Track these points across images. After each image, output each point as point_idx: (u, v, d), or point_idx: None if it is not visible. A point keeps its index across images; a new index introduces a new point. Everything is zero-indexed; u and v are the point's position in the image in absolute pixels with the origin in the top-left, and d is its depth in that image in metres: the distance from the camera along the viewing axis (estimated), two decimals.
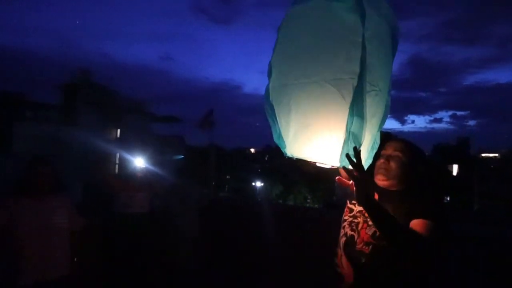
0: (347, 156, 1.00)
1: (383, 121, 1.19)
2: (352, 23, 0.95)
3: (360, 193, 1.03)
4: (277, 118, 1.14)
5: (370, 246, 1.19)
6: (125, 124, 21.08)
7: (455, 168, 44.54)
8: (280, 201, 27.51)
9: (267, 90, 1.19)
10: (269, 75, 1.16)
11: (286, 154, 1.18)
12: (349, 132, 0.98)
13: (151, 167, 3.40)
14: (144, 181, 3.19)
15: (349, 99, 0.96)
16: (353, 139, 0.99)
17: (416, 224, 1.11)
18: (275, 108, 1.14)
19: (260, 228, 3.69)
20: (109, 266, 2.95)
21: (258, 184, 33.64)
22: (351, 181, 1.07)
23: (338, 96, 0.97)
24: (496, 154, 60.09)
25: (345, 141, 1.00)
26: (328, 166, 1.12)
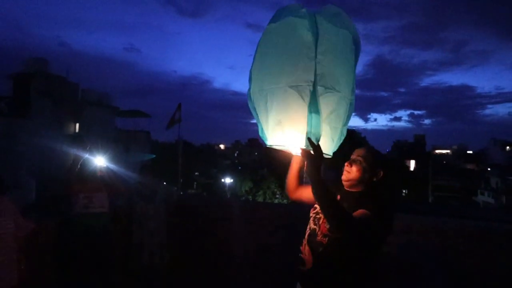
0: (308, 138, 1.23)
1: (346, 116, 1.42)
2: (308, 41, 1.24)
3: (310, 167, 1.22)
4: (259, 117, 1.40)
5: (327, 238, 1.39)
6: (85, 118, 19.80)
7: (412, 164, 47.86)
8: (250, 197, 27.63)
9: (248, 94, 1.43)
10: (250, 81, 1.42)
11: (267, 144, 1.41)
12: (310, 125, 1.23)
13: (113, 165, 3.20)
14: (105, 180, 3.00)
15: (307, 100, 1.23)
16: (313, 131, 1.23)
17: (355, 212, 1.30)
18: (256, 109, 1.41)
19: (229, 227, 3.64)
20: (63, 271, 2.74)
21: (228, 180, 33.50)
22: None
23: (299, 98, 1.24)
24: (448, 151, 65.46)
25: (307, 132, 1.24)
26: (298, 151, 1.34)
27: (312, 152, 1.23)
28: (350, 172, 1.46)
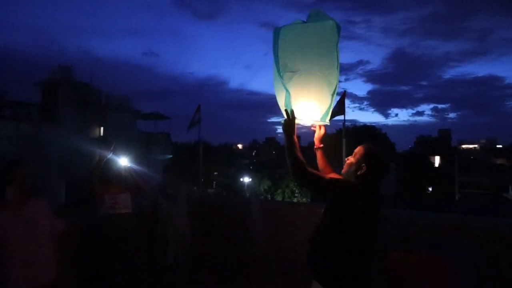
0: (285, 110, 1.58)
1: (323, 89, 1.66)
2: (333, 52, 1.63)
3: (284, 126, 1.57)
4: (285, 87, 1.59)
5: (319, 223, 1.61)
6: (108, 122, 20.56)
7: (437, 160, 46.00)
8: (268, 196, 27.63)
9: (278, 74, 1.63)
10: (275, 54, 1.63)
11: (292, 113, 1.62)
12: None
13: (136, 166, 3.31)
14: (129, 181, 3.11)
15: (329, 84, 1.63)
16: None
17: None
18: (284, 80, 1.61)
19: (250, 226, 3.67)
20: (91, 271, 2.87)
21: (246, 179, 33.65)
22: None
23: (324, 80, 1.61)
24: (476, 145, 62.36)
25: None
26: (307, 122, 1.72)
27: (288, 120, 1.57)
28: (345, 166, 1.61)
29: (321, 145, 1.83)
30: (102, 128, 20.77)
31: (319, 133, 1.80)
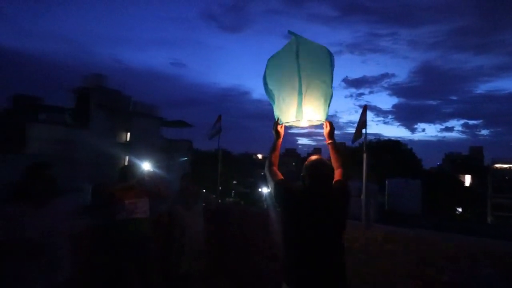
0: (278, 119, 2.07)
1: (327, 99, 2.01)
2: (293, 63, 1.98)
3: (273, 131, 2.06)
4: (274, 104, 2.08)
5: None
6: (135, 127, 21.38)
7: (467, 178, 43.40)
8: None
9: (266, 90, 2.13)
10: (264, 83, 2.13)
11: (281, 122, 2.04)
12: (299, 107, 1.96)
13: (158, 171, 3.40)
14: (149, 186, 3.20)
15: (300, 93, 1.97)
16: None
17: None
18: (272, 100, 2.10)
19: (266, 236, 3.64)
20: (109, 272, 2.94)
21: (265, 190, 33.53)
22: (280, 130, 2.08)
23: (295, 92, 1.97)
24: (511, 165, 58.32)
25: (296, 112, 1.97)
26: (292, 123, 2.06)
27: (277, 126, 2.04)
28: None
29: (330, 141, 2.03)
30: (128, 134, 21.61)
31: (326, 130, 2.04)
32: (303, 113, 1.94)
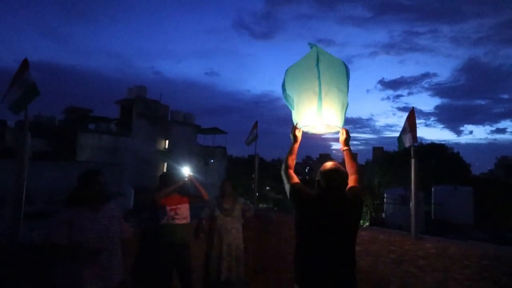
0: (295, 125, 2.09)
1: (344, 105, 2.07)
2: (313, 69, 2.03)
3: (291, 135, 2.09)
4: (293, 110, 2.14)
5: None
6: (173, 135, 22.35)
7: None
8: None
9: (285, 97, 2.22)
10: (283, 90, 2.22)
11: (299, 126, 2.08)
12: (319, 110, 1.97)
13: (197, 176, 3.47)
14: (188, 192, 3.29)
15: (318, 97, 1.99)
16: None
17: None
18: (291, 105, 2.18)
19: None
20: (152, 275, 3.04)
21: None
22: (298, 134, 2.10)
23: (315, 96, 1.99)
24: None
25: (315, 115, 1.98)
26: (309, 129, 2.11)
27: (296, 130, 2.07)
28: None
29: (346, 148, 2.06)
30: (167, 141, 22.63)
31: (342, 137, 2.08)
32: (322, 116, 1.97)
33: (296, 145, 2.07)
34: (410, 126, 3.04)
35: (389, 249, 3.03)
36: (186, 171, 3.27)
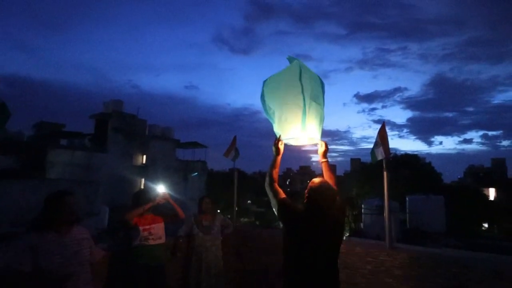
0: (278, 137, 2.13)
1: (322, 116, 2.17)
2: (296, 83, 2.09)
3: (273, 147, 2.09)
4: (274, 123, 2.20)
5: None
6: (151, 150, 21.82)
7: (491, 192, 41.17)
8: None
9: (265, 109, 2.29)
10: (263, 102, 2.29)
11: (283, 138, 2.11)
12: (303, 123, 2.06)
13: (174, 194, 3.40)
14: (163, 210, 3.19)
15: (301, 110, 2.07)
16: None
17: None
18: (271, 117, 2.25)
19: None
20: None
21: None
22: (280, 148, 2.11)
23: (299, 110, 2.06)
24: None
25: (300, 129, 2.06)
26: (292, 141, 2.18)
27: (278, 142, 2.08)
28: None
29: (325, 160, 2.12)
30: (144, 156, 22.04)
31: (321, 149, 2.12)
32: (306, 130, 2.03)
33: (279, 158, 2.08)
34: (382, 140, 3.18)
35: (366, 260, 3.09)
36: (161, 189, 3.19)
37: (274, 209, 1.92)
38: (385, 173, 3.15)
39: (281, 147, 2.10)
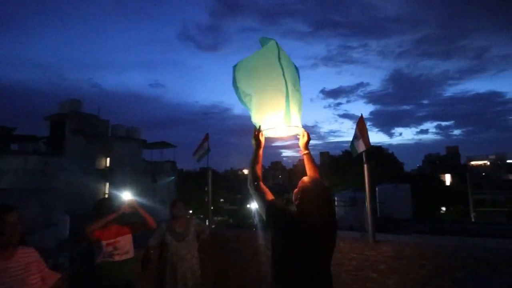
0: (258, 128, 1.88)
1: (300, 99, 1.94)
2: (276, 65, 1.82)
3: (252, 141, 1.86)
4: (253, 110, 1.92)
5: None
6: (115, 152, 20.57)
7: (447, 178, 44.62)
8: None
9: (238, 96, 1.99)
10: (236, 88, 1.99)
11: (256, 127, 1.88)
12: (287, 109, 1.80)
13: (141, 199, 3.07)
14: (130, 220, 2.84)
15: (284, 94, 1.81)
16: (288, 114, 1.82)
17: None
18: (247, 105, 1.96)
19: (264, 263, 3.37)
20: None
21: (253, 206, 32.99)
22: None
23: (282, 95, 1.81)
24: (486, 162, 61.01)
25: (284, 116, 1.81)
26: (271, 132, 1.91)
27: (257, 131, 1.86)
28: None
29: (307, 151, 1.93)
30: (108, 159, 20.74)
31: (302, 140, 1.93)
32: (290, 117, 1.79)
33: (261, 151, 1.84)
34: (361, 132, 3.09)
35: (350, 256, 3.00)
36: (126, 196, 2.84)
37: (260, 212, 1.69)
38: (365, 165, 3.07)
39: (262, 139, 1.85)
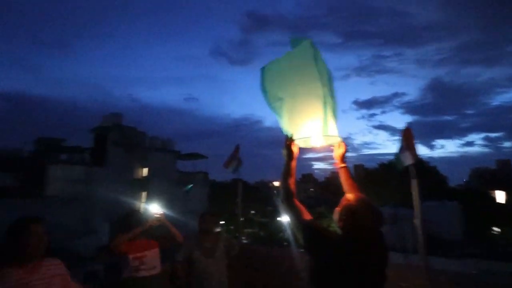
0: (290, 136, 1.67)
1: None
2: (312, 67, 1.64)
3: (283, 152, 1.65)
4: (284, 117, 1.72)
5: None
6: (151, 162, 21.44)
7: (499, 194, 40.19)
8: None
9: (268, 100, 1.79)
10: (264, 92, 1.79)
11: (288, 136, 1.67)
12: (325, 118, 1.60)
13: (170, 212, 2.99)
14: (157, 233, 2.77)
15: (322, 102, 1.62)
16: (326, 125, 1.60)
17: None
18: (277, 110, 1.76)
19: (297, 283, 3.11)
20: None
21: (285, 219, 32.24)
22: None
23: (319, 101, 1.63)
24: None
25: (322, 125, 1.60)
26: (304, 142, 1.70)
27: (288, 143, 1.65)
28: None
29: (344, 164, 1.73)
30: (145, 169, 21.65)
31: (338, 151, 1.73)
32: (328, 126, 1.59)
33: (294, 163, 1.63)
34: (408, 144, 2.78)
35: (399, 286, 2.64)
36: (154, 208, 2.78)
37: (296, 233, 1.49)
38: (414, 180, 2.74)
39: (295, 149, 1.65)
